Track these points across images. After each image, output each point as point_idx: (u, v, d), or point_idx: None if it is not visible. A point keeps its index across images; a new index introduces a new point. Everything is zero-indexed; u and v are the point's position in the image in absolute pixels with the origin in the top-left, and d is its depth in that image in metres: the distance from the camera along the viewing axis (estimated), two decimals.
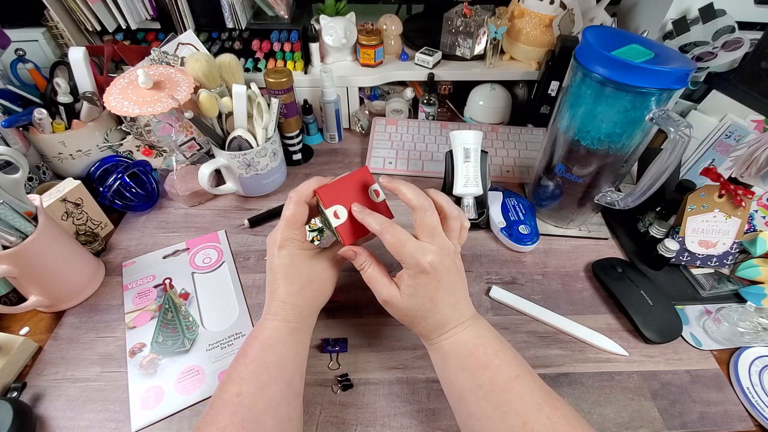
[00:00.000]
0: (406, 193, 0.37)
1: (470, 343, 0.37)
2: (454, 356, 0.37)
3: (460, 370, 0.36)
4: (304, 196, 0.39)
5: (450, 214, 0.38)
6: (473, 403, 0.35)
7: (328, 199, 0.39)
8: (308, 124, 0.74)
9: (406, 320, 0.38)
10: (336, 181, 0.40)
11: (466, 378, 0.35)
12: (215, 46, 0.70)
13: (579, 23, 0.69)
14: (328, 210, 0.39)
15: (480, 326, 0.38)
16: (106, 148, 0.62)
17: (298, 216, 0.39)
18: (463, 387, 0.36)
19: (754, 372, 0.47)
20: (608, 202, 0.54)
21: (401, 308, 0.37)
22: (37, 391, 0.43)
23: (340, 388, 0.44)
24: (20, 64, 0.60)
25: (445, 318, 0.37)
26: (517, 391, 0.34)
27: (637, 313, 0.50)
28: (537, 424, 0.32)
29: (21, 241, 0.43)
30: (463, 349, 0.36)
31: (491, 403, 0.34)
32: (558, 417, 0.32)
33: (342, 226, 0.39)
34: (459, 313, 0.38)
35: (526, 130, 0.77)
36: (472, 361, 0.36)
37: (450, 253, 0.37)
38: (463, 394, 0.36)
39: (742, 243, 0.55)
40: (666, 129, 0.43)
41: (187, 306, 0.50)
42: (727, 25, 0.62)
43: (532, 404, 0.33)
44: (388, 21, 0.75)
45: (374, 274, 0.38)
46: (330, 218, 0.39)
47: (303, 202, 0.39)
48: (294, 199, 0.39)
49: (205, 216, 0.62)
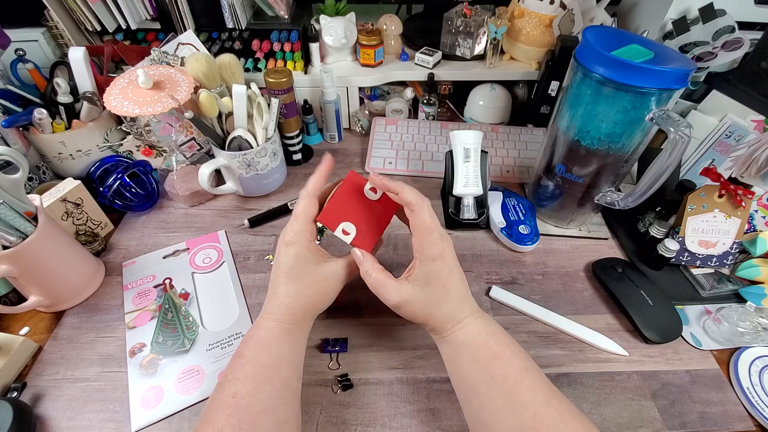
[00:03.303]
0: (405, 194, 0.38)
1: (483, 332, 0.37)
2: (467, 347, 0.37)
3: (473, 360, 0.36)
4: (312, 191, 0.39)
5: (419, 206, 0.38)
6: (485, 394, 0.35)
7: (331, 221, 0.39)
8: (308, 124, 0.74)
9: (420, 316, 0.38)
10: (330, 200, 0.40)
11: (478, 369, 0.36)
12: (215, 46, 0.70)
13: (579, 23, 0.69)
14: (336, 232, 0.39)
15: (488, 318, 0.39)
16: (106, 148, 0.62)
17: (308, 209, 0.39)
18: (475, 378, 0.36)
19: (754, 372, 0.47)
20: (608, 202, 0.54)
21: (416, 303, 0.37)
22: (37, 391, 0.43)
23: (340, 388, 0.44)
24: (20, 64, 0.60)
25: (458, 306, 0.38)
26: (526, 383, 0.34)
27: (637, 313, 0.50)
28: (546, 416, 0.32)
29: (21, 241, 0.43)
30: (477, 339, 0.37)
31: (503, 394, 0.34)
32: (565, 410, 0.33)
33: (355, 240, 0.40)
34: (469, 303, 0.39)
35: (526, 130, 0.77)
36: (485, 351, 0.36)
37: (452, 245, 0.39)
38: (476, 385, 0.36)
39: (742, 243, 0.55)
40: (666, 129, 0.43)
41: (187, 306, 0.50)
42: (727, 25, 0.62)
43: (541, 397, 0.34)
44: (388, 21, 0.75)
45: (380, 278, 0.38)
46: (341, 238, 0.39)
47: (312, 196, 0.39)
48: (303, 195, 0.39)
49: (205, 216, 0.62)
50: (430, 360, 0.46)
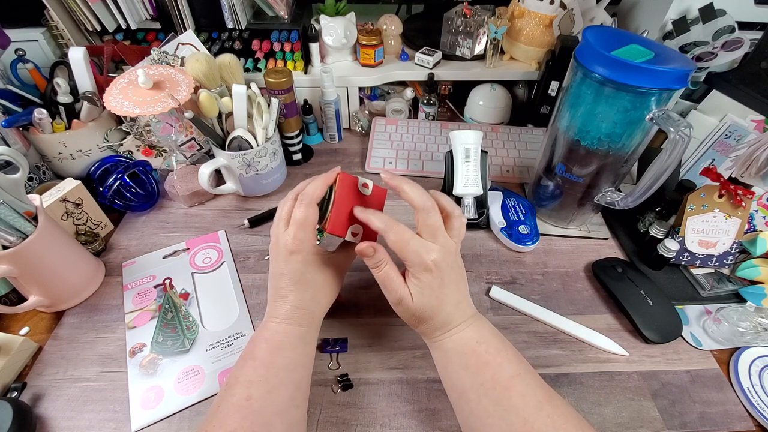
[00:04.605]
0: (408, 192, 0.37)
1: (472, 341, 0.37)
2: (456, 354, 0.37)
3: (461, 367, 0.36)
4: (315, 198, 0.39)
5: (452, 213, 0.39)
6: (474, 401, 0.35)
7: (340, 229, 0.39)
8: (308, 124, 0.74)
9: (413, 320, 0.38)
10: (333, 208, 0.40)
11: (467, 376, 0.36)
12: (215, 46, 0.70)
13: (579, 23, 0.69)
14: (347, 237, 0.39)
15: (481, 325, 0.38)
16: (106, 148, 0.62)
17: (311, 217, 0.39)
18: (464, 385, 0.36)
19: (754, 372, 0.47)
20: (608, 202, 0.54)
21: (411, 308, 0.37)
22: (37, 391, 0.43)
23: (340, 388, 0.44)
24: (20, 64, 0.60)
25: (450, 316, 0.37)
26: (518, 389, 0.34)
27: (637, 313, 0.50)
28: (538, 422, 0.32)
29: (21, 241, 0.43)
30: (465, 347, 0.37)
31: (492, 401, 0.34)
32: (558, 416, 0.33)
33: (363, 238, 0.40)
34: (461, 311, 0.38)
35: (526, 130, 0.77)
36: (474, 359, 0.36)
37: (452, 252, 0.37)
38: (465, 391, 0.36)
39: (742, 243, 0.55)
40: (666, 129, 0.43)
41: (187, 306, 0.50)
42: (727, 25, 0.62)
43: (533, 403, 0.33)
44: (388, 21, 0.75)
45: (391, 273, 0.38)
46: (350, 240, 0.40)
47: (314, 203, 0.39)
48: (306, 202, 0.39)
49: (205, 216, 0.62)
50: (430, 360, 0.46)
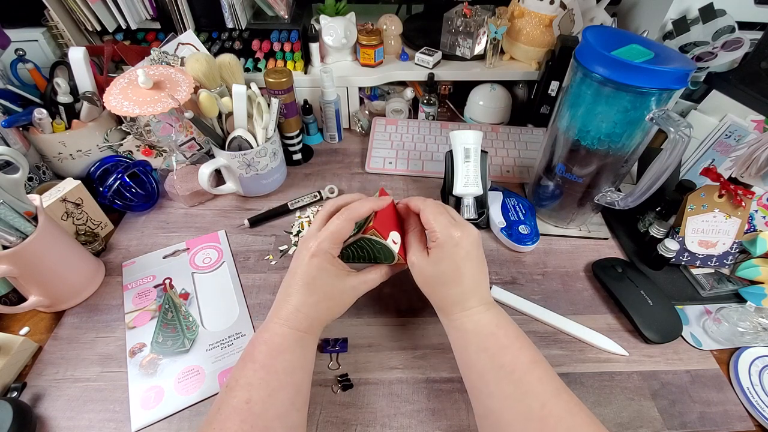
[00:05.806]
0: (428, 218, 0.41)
1: (492, 324, 0.38)
2: (476, 335, 0.38)
3: (481, 349, 0.37)
4: (356, 217, 0.40)
5: None
6: (493, 382, 0.35)
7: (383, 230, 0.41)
8: (308, 124, 0.74)
9: (427, 287, 0.41)
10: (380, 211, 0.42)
11: (487, 357, 0.36)
12: (215, 46, 0.70)
13: (579, 23, 0.69)
14: (387, 241, 0.41)
15: (499, 312, 0.40)
16: (106, 148, 0.62)
17: (343, 232, 0.39)
18: (483, 366, 0.36)
19: (754, 372, 0.47)
20: (608, 202, 0.54)
21: (424, 272, 0.40)
22: (37, 391, 0.43)
23: (340, 388, 0.44)
24: (20, 64, 0.60)
25: (468, 293, 0.39)
26: (536, 374, 0.35)
27: (637, 313, 0.50)
28: (556, 407, 0.33)
29: (21, 241, 0.43)
30: (485, 329, 0.38)
31: (512, 383, 0.35)
32: (574, 404, 0.34)
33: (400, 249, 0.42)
34: (481, 294, 0.39)
35: (526, 130, 0.77)
36: (493, 341, 0.37)
37: (475, 236, 0.41)
38: (484, 373, 0.36)
39: (742, 243, 0.55)
40: (666, 129, 0.43)
41: (187, 306, 0.50)
42: (727, 25, 0.62)
43: (550, 388, 0.34)
44: (388, 21, 0.75)
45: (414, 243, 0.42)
46: (390, 246, 0.41)
47: (353, 221, 0.40)
48: (345, 216, 0.39)
49: (205, 216, 0.62)
50: (430, 360, 0.46)
